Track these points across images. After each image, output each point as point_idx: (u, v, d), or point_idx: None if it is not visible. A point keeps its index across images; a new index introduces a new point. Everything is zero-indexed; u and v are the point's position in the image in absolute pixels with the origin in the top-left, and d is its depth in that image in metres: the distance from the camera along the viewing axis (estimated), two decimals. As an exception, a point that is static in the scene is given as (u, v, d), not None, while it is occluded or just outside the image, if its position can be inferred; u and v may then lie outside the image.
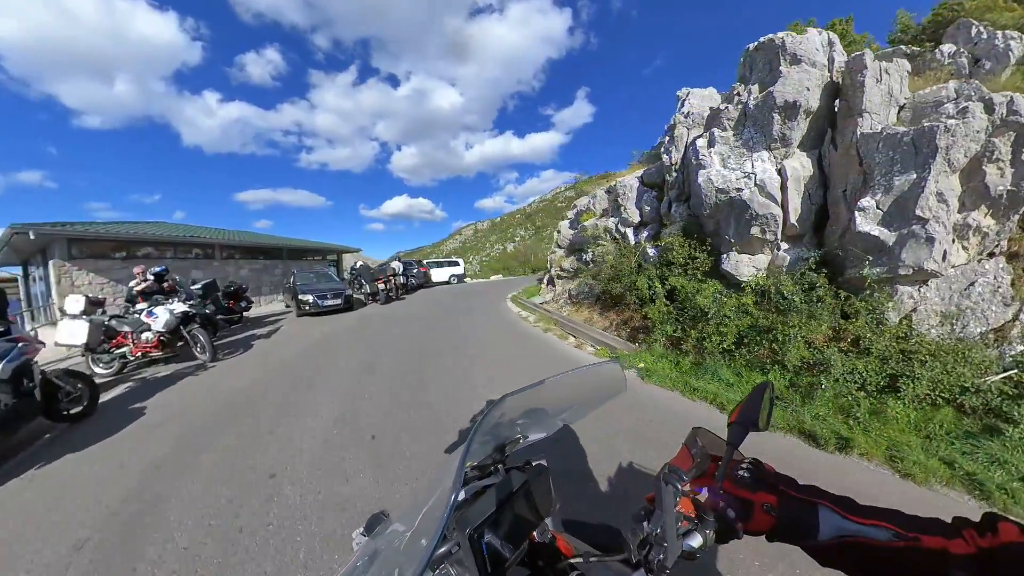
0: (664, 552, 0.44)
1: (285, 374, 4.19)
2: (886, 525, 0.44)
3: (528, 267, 22.57)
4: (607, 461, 2.26)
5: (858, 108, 3.82)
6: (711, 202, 4.39)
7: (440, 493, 0.51)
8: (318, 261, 15.50)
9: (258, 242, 12.43)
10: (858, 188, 3.85)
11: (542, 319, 6.61)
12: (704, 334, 3.97)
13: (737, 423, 0.54)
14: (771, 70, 4.32)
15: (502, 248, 36.01)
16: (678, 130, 5.50)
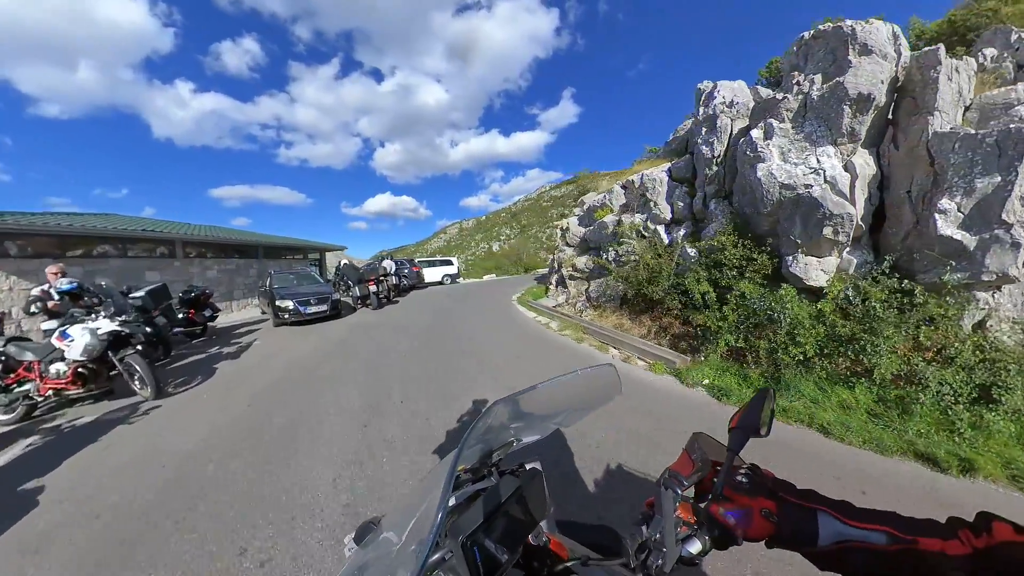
0: (663, 557, 0.47)
1: (254, 423, 3.06)
2: (884, 528, 0.46)
3: (520, 266, 22.19)
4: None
5: (929, 106, 3.70)
6: (773, 198, 4.16)
7: (430, 501, 0.52)
8: (299, 260, 14.34)
9: (229, 238, 11.14)
10: (927, 189, 3.73)
11: (568, 326, 6.20)
12: (775, 344, 3.72)
13: (738, 429, 0.56)
14: (835, 60, 4.14)
15: (487, 247, 36.01)
16: (721, 121, 5.25)
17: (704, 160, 5.54)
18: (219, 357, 5.36)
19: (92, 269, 7.57)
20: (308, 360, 4.94)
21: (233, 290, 10.98)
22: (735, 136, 5.24)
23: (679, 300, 5.17)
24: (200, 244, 10.16)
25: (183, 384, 4.22)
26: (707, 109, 6.99)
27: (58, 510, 2.09)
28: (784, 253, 4.24)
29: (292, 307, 7.41)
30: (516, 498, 0.64)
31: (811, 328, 3.62)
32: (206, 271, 10.08)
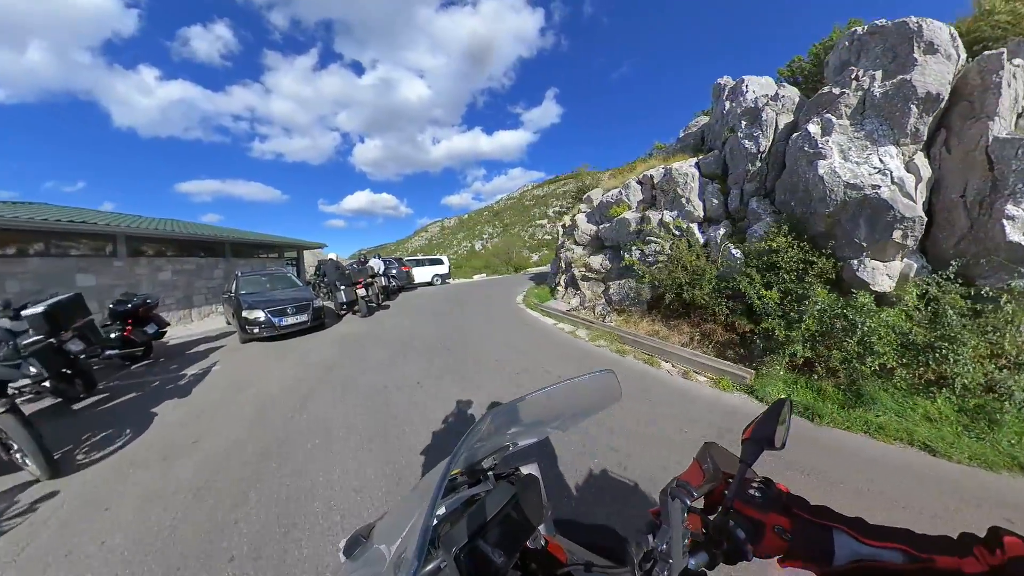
0: (668, 569, 0.47)
1: (202, 538, 1.91)
2: (900, 547, 0.47)
3: (510, 265, 21.89)
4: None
5: (989, 111, 3.81)
6: (837, 198, 4.13)
7: (420, 513, 0.51)
8: (273, 260, 12.97)
9: (188, 233, 9.62)
10: (985, 194, 3.84)
11: (599, 335, 5.92)
12: (849, 354, 3.68)
13: (752, 440, 0.56)
14: (896, 57, 4.17)
15: (470, 246, 36.08)
16: (766, 114, 5.20)
17: (745, 155, 5.48)
18: (163, 392, 4.17)
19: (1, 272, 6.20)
20: (287, 397, 3.78)
21: (192, 295, 9.59)
22: (780, 131, 5.20)
23: (726, 305, 5.07)
24: (150, 240, 8.73)
25: (101, 445, 2.91)
26: (735, 104, 7.00)
27: None
28: (847, 257, 4.24)
29: (264, 319, 6.26)
30: (512, 505, 0.65)
31: (887, 336, 3.60)
32: (157, 273, 8.70)
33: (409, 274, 13.84)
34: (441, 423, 3.12)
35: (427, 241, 51.16)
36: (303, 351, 5.74)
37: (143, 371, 5.10)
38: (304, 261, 14.42)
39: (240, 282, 7.47)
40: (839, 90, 4.45)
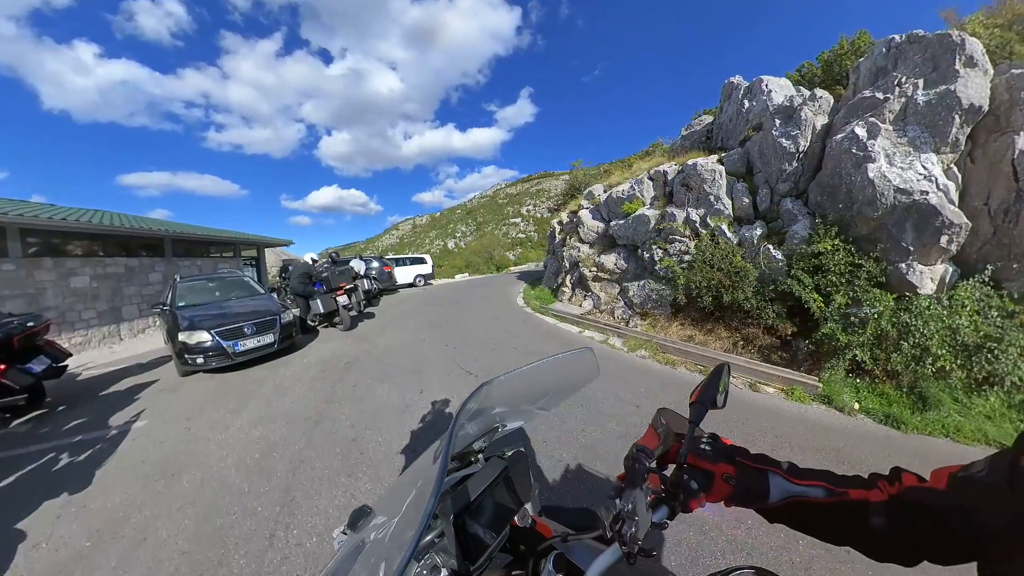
0: (636, 525, 0.54)
1: None
2: (822, 484, 0.60)
3: (493, 264, 21.58)
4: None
5: (1016, 125, 4.33)
6: (887, 202, 4.45)
7: (424, 482, 0.59)
8: (228, 260, 11.24)
9: (112, 227, 7.68)
10: (1009, 204, 4.37)
11: (639, 345, 5.85)
12: (908, 357, 4.00)
13: (698, 402, 0.67)
14: (936, 68, 4.58)
15: (443, 244, 36.24)
16: (804, 114, 5.49)
17: (781, 154, 5.76)
18: (39, 482, 2.75)
19: None
20: (252, 493, 2.49)
21: (121, 306, 7.84)
22: (818, 132, 5.52)
23: (773, 308, 5.29)
24: (58, 234, 7.00)
25: None
26: (754, 102, 7.36)
27: None
28: (894, 260, 4.59)
29: (211, 343, 4.78)
30: (503, 479, 0.77)
31: (945, 338, 3.95)
32: (69, 278, 7.01)
33: (392, 275, 12.93)
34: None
35: (398, 240, 51.83)
36: (270, 390, 4.34)
37: (24, 435, 3.53)
38: (266, 261, 12.70)
39: (178, 290, 5.95)
40: (882, 95, 4.81)
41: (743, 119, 7.52)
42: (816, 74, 8.08)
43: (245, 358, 5.13)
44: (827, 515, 0.59)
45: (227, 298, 6.21)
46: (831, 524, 0.59)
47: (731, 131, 8.14)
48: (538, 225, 30.92)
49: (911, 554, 0.53)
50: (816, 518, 0.60)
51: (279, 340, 5.50)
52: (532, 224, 32.18)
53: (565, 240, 11.34)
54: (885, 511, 0.55)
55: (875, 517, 0.55)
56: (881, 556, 0.55)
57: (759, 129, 6.66)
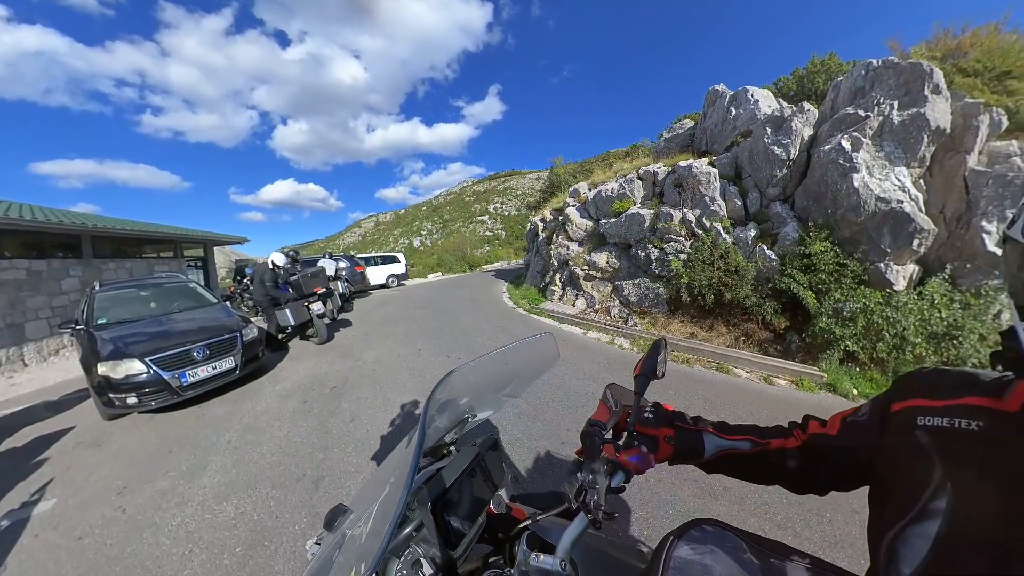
0: (596, 493, 0.58)
1: None
2: (748, 438, 0.72)
3: (466, 263, 21.37)
4: None
5: (968, 147, 5.32)
6: (869, 208, 5.23)
7: (397, 476, 0.59)
8: (167, 261, 9.82)
9: (3, 220, 6.23)
10: (961, 213, 5.35)
11: (648, 344, 6.26)
12: (890, 345, 4.74)
13: (641, 375, 0.77)
14: (908, 92, 5.48)
15: (408, 242, 36.36)
16: (795, 124, 6.24)
17: (773, 160, 6.47)
18: None
19: None
20: None
21: (24, 323, 6.43)
22: (806, 142, 6.29)
23: (772, 306, 5.93)
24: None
25: None
26: (741, 110, 8.16)
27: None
28: (874, 260, 5.39)
29: (147, 375, 3.79)
30: (476, 467, 0.80)
31: (918, 328, 4.75)
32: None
33: (364, 276, 12.27)
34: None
35: (361, 237, 51.89)
36: (239, 435, 3.43)
37: None
38: (215, 263, 11.21)
39: (96, 302, 4.78)
40: (863, 112, 5.62)
41: (730, 125, 8.30)
42: (791, 88, 9.19)
43: (197, 391, 4.12)
44: (754, 463, 0.72)
45: (167, 311, 5.09)
46: (758, 470, 0.72)
47: (716, 136, 8.94)
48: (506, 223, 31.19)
49: (821, 486, 0.67)
50: (745, 466, 0.73)
51: (242, 364, 4.54)
52: (500, 222, 32.40)
53: (551, 238, 11.63)
54: (799, 455, 0.68)
55: (791, 460, 0.68)
56: (800, 490, 0.69)
57: (748, 136, 7.41)
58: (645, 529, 2.20)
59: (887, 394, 0.61)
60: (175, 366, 3.99)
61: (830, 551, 2.06)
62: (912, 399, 0.55)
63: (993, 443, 0.45)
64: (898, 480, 0.51)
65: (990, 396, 0.48)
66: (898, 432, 0.54)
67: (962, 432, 0.47)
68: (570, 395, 4.16)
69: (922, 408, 0.53)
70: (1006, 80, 6.08)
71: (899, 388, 0.60)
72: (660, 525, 2.22)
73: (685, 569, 0.41)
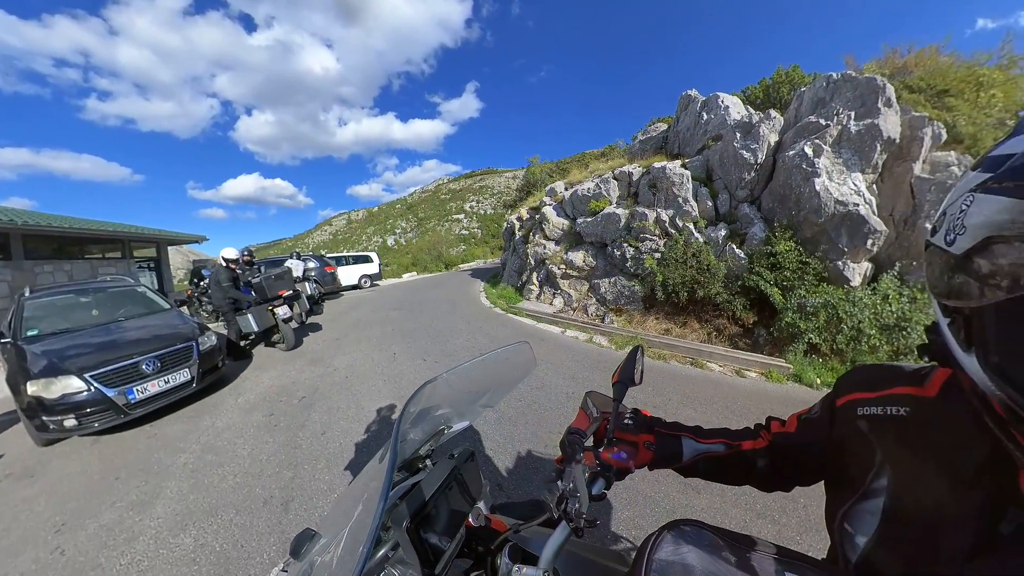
0: (578, 501, 0.58)
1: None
2: (722, 441, 0.75)
3: (442, 262, 20.99)
4: None
5: (914, 156, 5.75)
6: (829, 211, 5.54)
7: (370, 494, 0.57)
8: (113, 261, 8.89)
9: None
10: (908, 215, 5.78)
11: (626, 341, 6.30)
12: (848, 337, 5.06)
13: (620, 382, 0.78)
14: (864, 104, 5.86)
15: (382, 241, 35.69)
16: (762, 130, 6.53)
17: (742, 164, 6.74)
18: None
19: None
20: None
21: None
22: (772, 148, 6.59)
23: (741, 302, 6.17)
24: None
25: None
26: (712, 115, 8.45)
27: None
28: (833, 258, 5.73)
29: (87, 394, 3.41)
30: (454, 479, 0.79)
31: (872, 321, 5.08)
32: None
33: (335, 277, 11.75)
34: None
35: (332, 236, 51.02)
36: (197, 456, 3.14)
37: None
38: (169, 264, 10.24)
39: (26, 311, 4.31)
40: (824, 121, 5.95)
41: (701, 129, 8.59)
42: (759, 96, 9.64)
43: (148, 409, 3.71)
44: (728, 465, 0.75)
45: (112, 319, 4.62)
46: (731, 471, 0.75)
47: (688, 139, 9.23)
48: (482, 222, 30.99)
49: (786, 483, 0.72)
50: (720, 468, 0.76)
51: (199, 376, 4.19)
52: (476, 221, 32.15)
53: (528, 237, 11.62)
54: (766, 454, 0.72)
55: (760, 460, 0.72)
56: (768, 488, 0.74)
57: (719, 140, 7.69)
58: (633, 530, 2.20)
59: (832, 392, 0.66)
60: (121, 382, 3.61)
61: (806, 536, 2.16)
62: (852, 393, 0.60)
63: (918, 425, 0.50)
64: (847, 466, 0.58)
65: (914, 385, 0.54)
66: (843, 423, 0.60)
67: (893, 418, 0.53)
68: (551, 395, 4.14)
69: (861, 400, 0.58)
70: (945, 97, 6.62)
71: (841, 385, 0.64)
72: (647, 524, 2.24)
73: (666, 570, 0.42)
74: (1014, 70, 6.77)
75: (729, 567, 0.42)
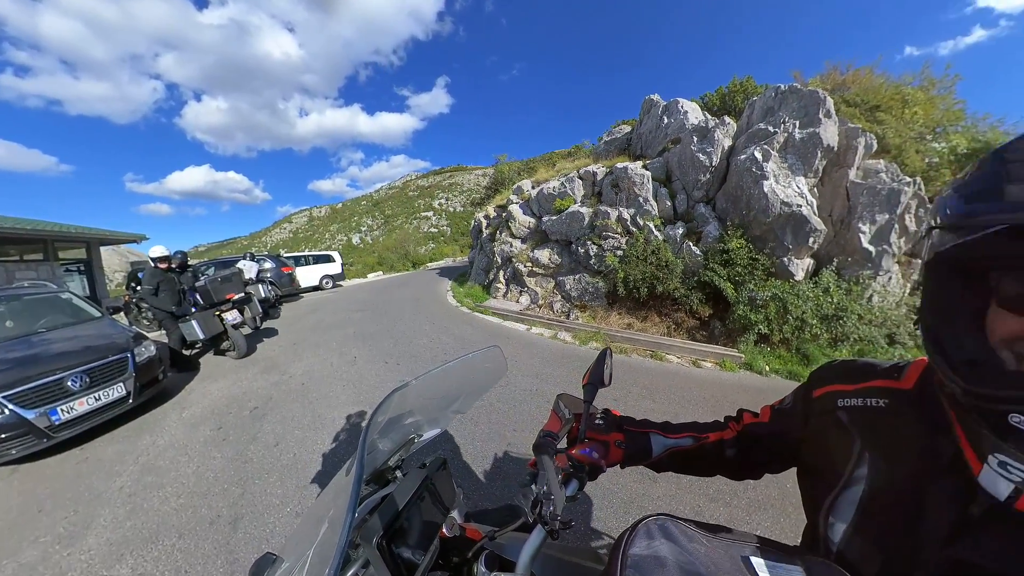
0: (553, 504, 0.58)
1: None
2: (689, 434, 0.78)
3: (409, 260, 20.45)
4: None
5: (849, 163, 6.24)
6: (776, 211, 5.92)
7: (336, 511, 0.54)
8: (33, 264, 7.74)
9: None
10: (843, 216, 6.28)
11: (590, 337, 6.42)
12: (794, 328, 5.44)
13: (590, 384, 0.80)
14: (807, 114, 6.29)
15: (347, 239, 34.53)
16: (717, 135, 6.86)
17: (698, 166, 7.05)
18: None
19: None
20: None
21: None
22: (726, 152, 6.94)
23: (698, 296, 6.47)
24: None
25: None
26: (672, 119, 8.77)
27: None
28: (779, 255, 6.12)
29: (1, 418, 3.06)
30: (426, 489, 0.76)
31: (814, 311, 5.49)
32: None
33: (294, 278, 11.11)
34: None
35: (292, 234, 48.72)
36: (135, 479, 2.90)
37: None
38: (101, 267, 9.10)
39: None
40: (772, 128, 6.33)
41: (662, 132, 8.89)
42: (715, 103, 10.12)
43: (76, 431, 3.32)
44: (696, 457, 0.77)
45: (31, 331, 4.11)
46: (701, 463, 0.78)
47: (650, 141, 9.53)
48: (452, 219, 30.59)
49: (756, 471, 0.75)
50: (689, 461, 0.78)
51: (137, 390, 3.81)
52: (445, 218, 31.67)
53: (495, 235, 11.57)
54: (735, 444, 0.75)
55: (729, 450, 0.75)
56: (738, 477, 0.77)
57: (678, 143, 7.99)
58: (595, 522, 2.23)
59: (806, 385, 0.68)
60: (42, 401, 3.22)
61: (756, 513, 2.29)
62: (831, 385, 0.63)
63: (895, 416, 0.53)
64: (827, 456, 0.58)
65: (890, 378, 0.56)
66: (822, 414, 0.62)
67: (873, 409, 0.55)
68: (516, 393, 4.12)
69: (840, 392, 0.60)
70: (876, 112, 7.28)
71: (817, 378, 0.66)
72: (605, 516, 2.28)
73: (641, 564, 0.42)
74: (932, 91, 7.59)
75: (700, 556, 0.43)
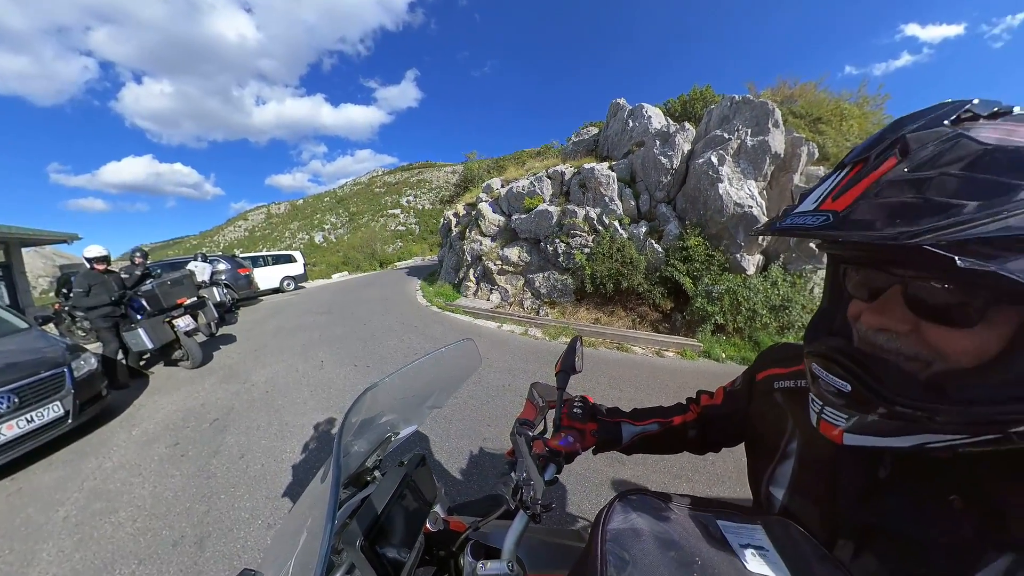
0: (533, 489, 0.61)
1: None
2: (655, 420, 0.86)
3: (376, 260, 19.75)
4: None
5: (794, 168, 6.78)
6: (729, 212, 6.34)
7: (314, 518, 0.53)
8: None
9: None
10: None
11: (560, 332, 6.59)
12: (747, 318, 5.88)
13: (562, 371, 0.85)
14: (758, 123, 6.76)
15: (308, 238, 32.83)
16: (678, 139, 7.24)
17: (660, 168, 7.40)
18: None
19: None
20: None
21: None
22: (685, 155, 7.33)
23: (660, 291, 6.81)
24: None
25: None
26: (637, 123, 9.11)
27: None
28: (732, 251, 6.56)
29: None
30: (406, 485, 0.75)
31: (764, 302, 5.94)
32: None
33: (251, 280, 10.42)
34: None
35: (248, 232, 45.77)
36: (80, 507, 2.64)
37: None
38: (23, 272, 7.93)
39: None
40: (727, 135, 6.76)
41: (628, 135, 9.22)
42: (677, 109, 10.62)
43: (5, 458, 2.98)
44: (663, 439, 0.85)
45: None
46: (667, 444, 0.86)
47: (616, 143, 9.85)
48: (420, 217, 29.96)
49: (715, 447, 0.84)
50: (656, 444, 0.86)
51: (76, 409, 3.46)
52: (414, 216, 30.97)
53: (464, 233, 11.51)
54: (696, 425, 0.83)
55: (691, 431, 0.83)
56: (700, 452, 0.86)
57: (642, 145, 8.32)
58: (571, 507, 2.34)
59: (752, 368, 0.74)
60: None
61: (715, 485, 2.48)
62: (770, 369, 0.68)
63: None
64: (767, 432, 0.64)
65: None
66: (762, 396, 0.68)
67: (803, 390, 0.59)
68: (488, 389, 4.16)
69: (777, 375, 0.66)
70: (819, 124, 7.99)
71: (760, 362, 0.73)
72: (578, 497, 2.42)
73: (619, 536, 0.44)
74: (866, 107, 8.54)
75: (673, 524, 0.46)
